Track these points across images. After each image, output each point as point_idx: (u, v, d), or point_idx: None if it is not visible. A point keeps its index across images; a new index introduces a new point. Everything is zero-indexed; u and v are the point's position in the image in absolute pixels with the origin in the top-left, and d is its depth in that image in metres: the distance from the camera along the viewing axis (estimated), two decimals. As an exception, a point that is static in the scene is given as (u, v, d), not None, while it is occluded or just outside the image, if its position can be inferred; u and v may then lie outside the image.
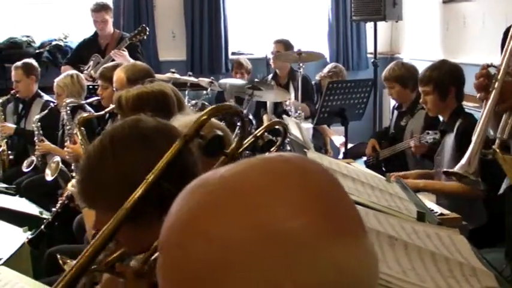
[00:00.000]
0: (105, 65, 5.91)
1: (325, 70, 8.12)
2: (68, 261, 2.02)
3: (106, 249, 1.83)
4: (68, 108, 5.96)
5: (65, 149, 5.87)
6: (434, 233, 2.11)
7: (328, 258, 0.88)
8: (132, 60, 7.15)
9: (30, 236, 4.05)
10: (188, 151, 1.88)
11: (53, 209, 4.34)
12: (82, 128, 5.21)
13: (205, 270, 0.89)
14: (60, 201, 4.23)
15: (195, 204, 0.93)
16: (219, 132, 1.90)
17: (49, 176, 5.85)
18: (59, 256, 2.18)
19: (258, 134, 2.32)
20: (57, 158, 5.97)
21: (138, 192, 1.77)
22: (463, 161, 3.32)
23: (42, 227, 4.16)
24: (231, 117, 4.22)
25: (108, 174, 1.90)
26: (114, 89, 4.76)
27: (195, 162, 1.96)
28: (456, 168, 3.37)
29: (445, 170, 3.87)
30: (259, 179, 0.92)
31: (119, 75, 4.74)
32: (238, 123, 2.12)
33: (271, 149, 2.40)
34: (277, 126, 2.78)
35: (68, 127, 5.94)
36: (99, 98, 5.64)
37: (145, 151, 1.89)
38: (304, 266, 0.87)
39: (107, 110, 4.77)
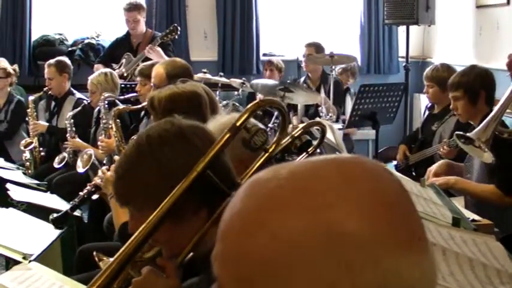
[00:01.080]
0: (144, 63, 5.96)
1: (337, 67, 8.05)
2: (104, 258, 2.03)
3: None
4: (106, 102, 5.99)
5: (99, 142, 5.88)
6: (471, 238, 2.10)
7: (391, 266, 0.88)
8: (166, 57, 7.20)
9: (55, 215, 4.08)
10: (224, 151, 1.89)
11: (80, 193, 4.33)
12: (117, 120, 5.28)
13: (265, 264, 0.89)
14: (87, 188, 4.22)
15: (263, 197, 0.92)
16: (263, 126, 1.91)
17: (80, 168, 5.89)
18: (95, 253, 2.18)
19: (296, 135, 2.32)
20: (91, 151, 6.00)
21: (180, 188, 1.78)
22: (479, 127, 3.26)
23: (68, 208, 4.18)
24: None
25: (146, 172, 1.91)
26: (152, 84, 4.77)
27: (229, 162, 1.97)
28: (470, 134, 3.31)
29: (457, 132, 3.81)
30: (331, 179, 0.92)
31: (158, 70, 4.75)
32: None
33: (309, 150, 2.39)
34: (314, 127, 2.78)
35: (104, 121, 5.95)
36: (136, 94, 5.68)
37: (183, 149, 1.91)
38: (366, 270, 0.86)
39: (143, 104, 4.77)
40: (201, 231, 1.86)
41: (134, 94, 5.81)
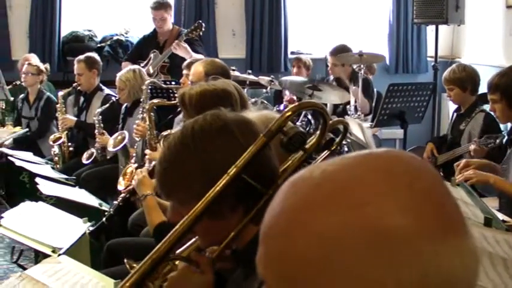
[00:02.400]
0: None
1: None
2: (135, 265, 2.04)
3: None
4: (149, 87, 6.01)
5: (135, 126, 5.89)
6: (503, 239, 2.09)
7: (432, 257, 0.87)
8: (194, 54, 7.24)
9: (91, 228, 4.10)
10: (268, 146, 1.89)
11: (114, 202, 4.39)
12: (151, 114, 5.30)
13: (308, 263, 0.89)
14: (122, 195, 4.28)
15: (302, 197, 0.93)
16: (301, 129, 1.90)
17: (111, 147, 5.92)
18: (126, 261, 2.19)
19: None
20: (125, 133, 6.01)
21: (221, 184, 1.79)
22: None
23: (104, 219, 4.21)
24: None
25: (190, 165, 1.91)
26: (190, 82, 4.80)
27: (273, 158, 1.97)
28: None
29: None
30: (366, 176, 0.92)
31: (197, 68, 4.78)
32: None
33: (332, 147, 2.38)
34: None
35: (145, 105, 5.92)
36: (178, 84, 5.71)
37: (227, 143, 1.91)
38: (409, 265, 0.86)
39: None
40: (237, 228, 1.87)
41: (177, 85, 5.85)
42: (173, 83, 6.50)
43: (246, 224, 1.86)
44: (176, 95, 5.33)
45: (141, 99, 6.04)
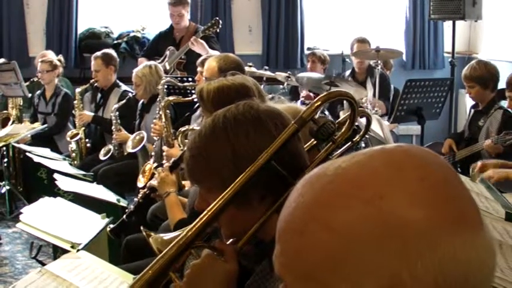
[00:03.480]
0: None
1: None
2: (152, 233, 2.04)
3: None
4: (165, 86, 6.02)
5: (152, 125, 5.91)
6: (525, 233, 2.08)
7: (446, 249, 0.88)
8: (209, 49, 7.24)
9: (111, 226, 4.11)
10: (297, 136, 1.89)
11: (134, 199, 4.41)
12: (167, 111, 5.32)
13: (325, 260, 0.90)
14: (141, 192, 4.29)
15: (316, 193, 0.94)
16: (331, 118, 1.91)
17: (130, 148, 5.93)
18: (142, 228, 2.20)
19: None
20: (144, 133, 6.02)
21: (251, 170, 1.80)
22: None
23: (124, 216, 4.22)
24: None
25: (219, 154, 1.91)
26: (204, 78, 4.80)
27: (302, 149, 1.97)
28: None
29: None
30: (379, 171, 0.92)
31: (210, 64, 4.78)
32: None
33: (354, 139, 2.38)
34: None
35: (162, 104, 5.95)
36: (194, 82, 5.72)
37: (258, 132, 1.91)
38: (423, 257, 0.87)
39: (194, 96, 4.80)
40: (263, 218, 1.86)
41: (192, 83, 5.86)
42: (190, 79, 6.50)
43: (272, 215, 1.86)
44: (193, 91, 5.33)
45: (158, 98, 6.05)
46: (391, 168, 0.92)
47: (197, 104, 5.63)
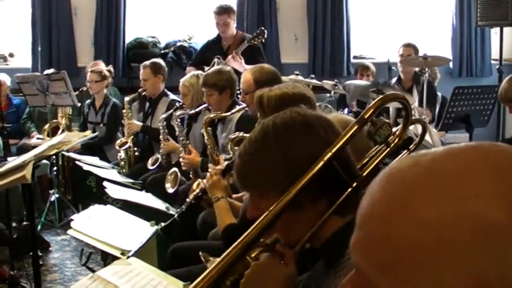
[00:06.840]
0: (207, 71, 6.08)
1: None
2: (210, 258, 2.06)
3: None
4: (178, 120, 6.10)
5: (180, 159, 6.01)
6: None
7: None
8: (247, 67, 7.25)
9: (163, 224, 4.16)
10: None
11: (186, 200, 4.45)
12: (208, 128, 5.36)
13: (412, 249, 0.89)
14: (193, 193, 4.32)
15: (407, 183, 0.92)
16: (387, 120, 1.91)
17: (170, 189, 5.96)
18: (201, 253, 2.22)
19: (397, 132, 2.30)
20: (175, 169, 6.05)
21: (314, 169, 1.81)
22: None
23: (175, 216, 4.26)
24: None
25: (271, 160, 1.92)
26: (241, 90, 4.85)
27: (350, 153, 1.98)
28: None
29: None
30: (476, 168, 0.91)
31: (246, 76, 4.83)
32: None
33: (410, 147, 2.38)
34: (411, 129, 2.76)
35: (181, 138, 6.05)
36: (206, 105, 5.79)
37: (308, 139, 1.92)
38: (510, 259, 0.85)
39: (233, 111, 4.86)
40: (321, 221, 1.87)
41: (204, 106, 5.91)
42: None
43: (329, 217, 1.86)
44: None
45: (176, 134, 6.21)
46: (488, 167, 0.91)
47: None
